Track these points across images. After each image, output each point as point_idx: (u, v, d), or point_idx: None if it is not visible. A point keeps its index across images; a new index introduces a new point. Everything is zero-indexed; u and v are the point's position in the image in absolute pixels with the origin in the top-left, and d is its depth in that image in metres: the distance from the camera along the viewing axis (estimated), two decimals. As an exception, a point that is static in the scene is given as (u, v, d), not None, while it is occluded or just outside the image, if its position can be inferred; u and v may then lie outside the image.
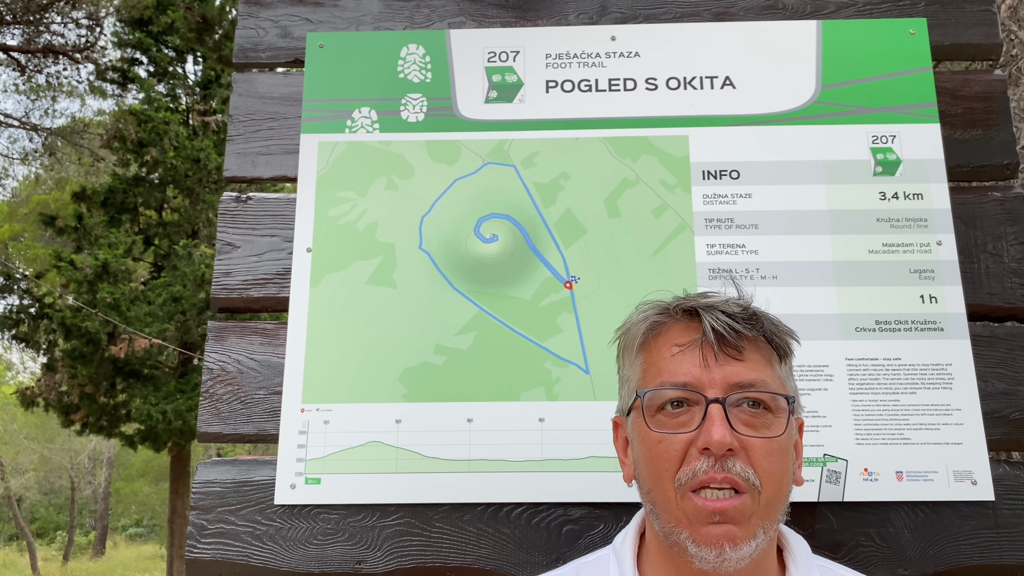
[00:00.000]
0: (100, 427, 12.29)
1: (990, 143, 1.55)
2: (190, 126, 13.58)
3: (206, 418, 1.45)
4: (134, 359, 11.37)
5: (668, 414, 0.94)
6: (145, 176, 12.89)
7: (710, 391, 0.92)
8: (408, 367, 1.43)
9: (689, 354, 0.94)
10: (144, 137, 12.45)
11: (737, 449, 0.89)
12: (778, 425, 0.92)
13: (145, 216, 13.19)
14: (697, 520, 0.89)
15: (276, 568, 1.37)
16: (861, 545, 1.35)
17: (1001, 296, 1.47)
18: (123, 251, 11.68)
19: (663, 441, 0.92)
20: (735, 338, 0.93)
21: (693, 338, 0.95)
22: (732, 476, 0.88)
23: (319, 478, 1.39)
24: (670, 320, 0.99)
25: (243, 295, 1.51)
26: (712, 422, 0.89)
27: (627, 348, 1.03)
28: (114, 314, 10.93)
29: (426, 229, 1.50)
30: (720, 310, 0.95)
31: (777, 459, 0.91)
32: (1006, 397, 1.41)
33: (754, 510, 0.89)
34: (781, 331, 0.98)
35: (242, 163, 1.58)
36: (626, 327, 1.04)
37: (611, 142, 1.54)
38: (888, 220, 1.48)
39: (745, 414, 0.92)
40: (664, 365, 0.96)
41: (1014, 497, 1.37)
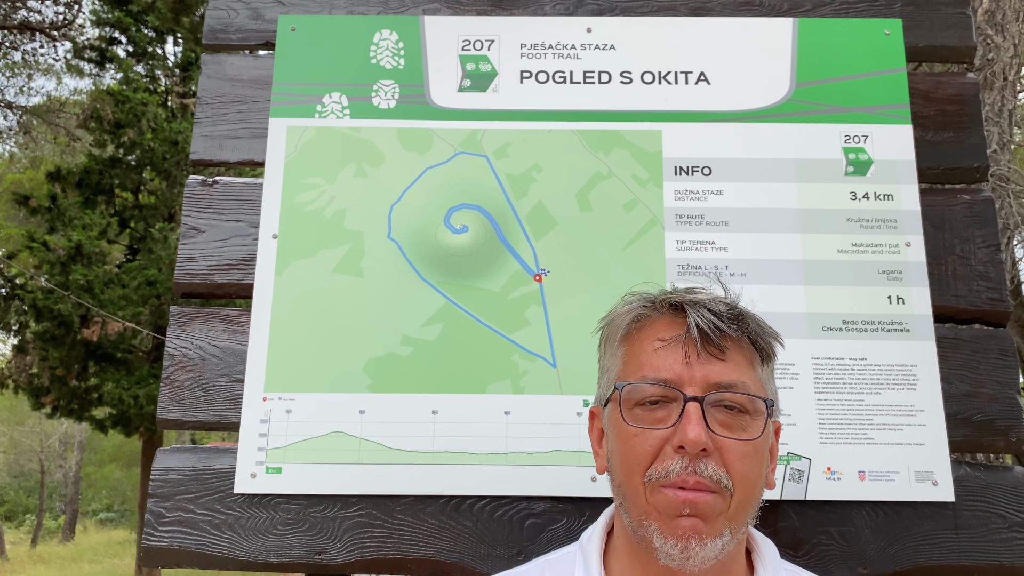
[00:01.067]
0: (71, 410, 12.16)
1: (961, 145, 1.55)
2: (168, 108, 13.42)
3: (166, 404, 1.42)
4: (107, 342, 11.25)
5: (645, 408, 0.93)
6: (122, 157, 12.72)
7: (689, 389, 0.91)
8: (373, 357, 1.42)
9: (672, 350, 0.93)
10: (121, 118, 12.28)
11: (711, 449, 0.89)
12: (755, 428, 0.92)
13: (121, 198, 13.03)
14: (667, 512, 0.89)
15: (235, 557, 1.35)
16: (822, 544, 1.35)
17: (967, 299, 1.48)
18: (98, 233, 11.53)
19: (638, 436, 0.92)
20: (719, 337, 0.92)
21: (677, 334, 0.94)
22: (703, 480, 0.88)
23: (280, 468, 1.37)
24: (655, 313, 0.97)
25: (207, 280, 1.48)
26: (688, 421, 0.89)
27: (609, 339, 1.02)
28: (87, 297, 10.80)
29: (395, 218, 1.48)
30: (707, 307, 0.93)
31: (751, 462, 0.91)
32: (969, 399, 1.42)
33: (723, 510, 0.89)
34: (766, 333, 0.97)
35: (209, 146, 1.55)
36: (610, 317, 1.03)
37: (584, 135, 1.53)
38: (858, 220, 1.48)
39: (722, 414, 0.91)
40: (646, 359, 0.95)
41: (974, 498, 1.37)
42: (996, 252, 1.50)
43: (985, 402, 1.42)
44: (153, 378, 11.25)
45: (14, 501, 28.73)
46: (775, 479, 1.35)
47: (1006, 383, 1.43)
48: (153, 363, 11.88)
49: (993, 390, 1.43)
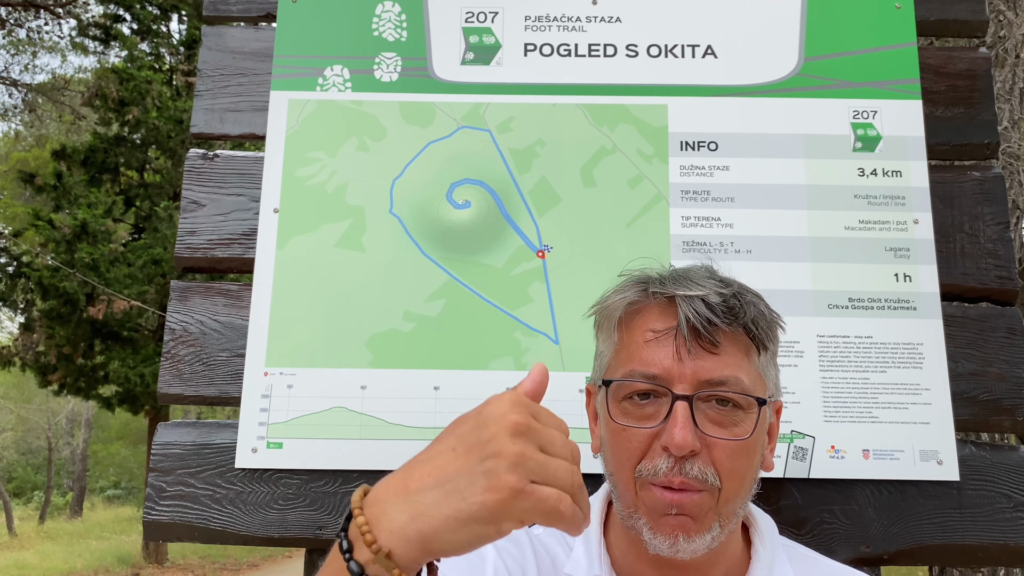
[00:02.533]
0: (78, 388, 12.23)
1: (972, 121, 1.53)
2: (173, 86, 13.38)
3: (167, 379, 1.42)
4: (113, 321, 11.29)
5: (635, 404, 0.91)
6: (127, 136, 12.70)
7: (678, 386, 0.89)
8: (375, 333, 1.41)
9: (662, 343, 0.91)
10: (126, 96, 12.25)
11: (699, 449, 0.87)
12: (747, 424, 0.90)
13: (126, 177, 13.02)
14: (654, 509, 0.88)
15: (236, 532, 1.35)
16: (825, 522, 1.35)
17: (975, 277, 1.46)
18: (103, 211, 11.54)
19: (627, 431, 0.91)
20: (711, 331, 0.89)
21: (669, 326, 0.91)
22: (689, 480, 0.87)
23: (281, 442, 1.37)
24: (648, 301, 0.95)
25: (208, 255, 1.47)
26: (675, 423, 0.87)
27: (603, 324, 1.00)
28: (92, 275, 10.82)
29: (397, 193, 1.46)
30: (701, 299, 0.90)
31: (741, 458, 0.89)
32: (975, 378, 1.41)
33: (711, 506, 0.88)
34: (763, 322, 0.93)
35: (210, 119, 1.54)
36: (603, 303, 1.01)
37: (589, 109, 1.51)
38: (866, 197, 1.46)
39: (713, 411, 0.89)
40: (636, 351, 0.93)
41: (979, 478, 1.36)
42: (1005, 230, 1.48)
43: (991, 381, 1.41)
44: (159, 357, 11.25)
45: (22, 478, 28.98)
46: (775, 460, 1.35)
47: (1013, 362, 1.42)
48: (159, 342, 11.92)
49: (1000, 369, 1.41)
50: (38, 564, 12.24)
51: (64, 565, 12.03)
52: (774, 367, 0.98)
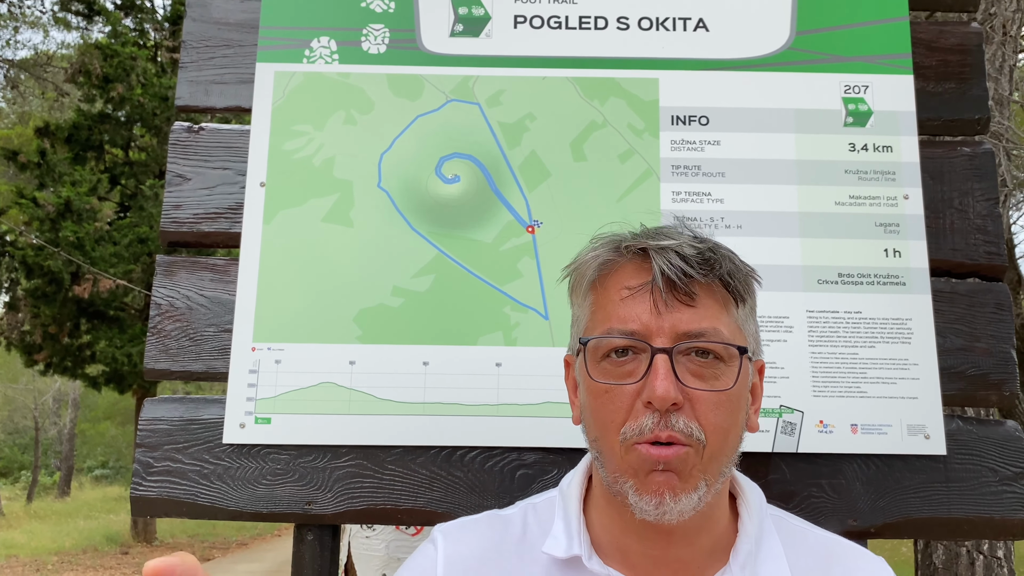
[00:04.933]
0: (64, 368, 12.18)
1: (963, 97, 1.52)
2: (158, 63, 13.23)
3: (154, 354, 1.40)
4: (99, 300, 11.22)
5: (613, 362, 0.90)
6: (111, 113, 12.57)
7: (657, 340, 0.88)
8: (364, 308, 1.40)
9: (639, 299, 0.90)
10: (110, 72, 12.11)
11: (682, 402, 0.86)
12: (728, 375, 0.89)
13: (111, 154, 12.90)
14: (641, 469, 0.87)
15: (224, 507, 1.34)
16: (813, 496, 1.35)
17: (964, 252, 1.46)
18: (87, 189, 11.43)
19: (609, 392, 0.89)
20: (687, 283, 0.88)
21: (644, 281, 0.90)
22: (675, 434, 0.85)
23: (269, 418, 1.36)
24: (621, 259, 0.93)
25: (193, 229, 1.45)
26: (656, 375, 0.86)
27: (576, 286, 0.99)
28: (77, 254, 10.74)
29: (385, 167, 1.45)
30: (674, 251, 0.89)
31: (725, 411, 0.88)
32: (963, 353, 1.42)
33: (696, 463, 0.87)
34: (739, 273, 0.93)
35: (195, 92, 1.52)
36: (576, 264, 0.99)
37: (579, 83, 1.49)
38: (856, 172, 1.46)
39: (694, 364, 0.88)
40: (612, 309, 0.91)
41: (965, 452, 1.37)
42: (995, 205, 1.48)
43: (979, 356, 1.41)
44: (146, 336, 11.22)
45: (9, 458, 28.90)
46: (764, 434, 1.35)
47: (1001, 337, 1.42)
48: (145, 321, 11.81)
49: (987, 344, 1.42)
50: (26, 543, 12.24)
51: (52, 544, 12.03)
52: (754, 323, 0.97)
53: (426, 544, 1.02)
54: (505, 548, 0.99)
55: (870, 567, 0.98)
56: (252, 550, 12.68)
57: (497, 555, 0.98)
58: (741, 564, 0.93)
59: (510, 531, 1.01)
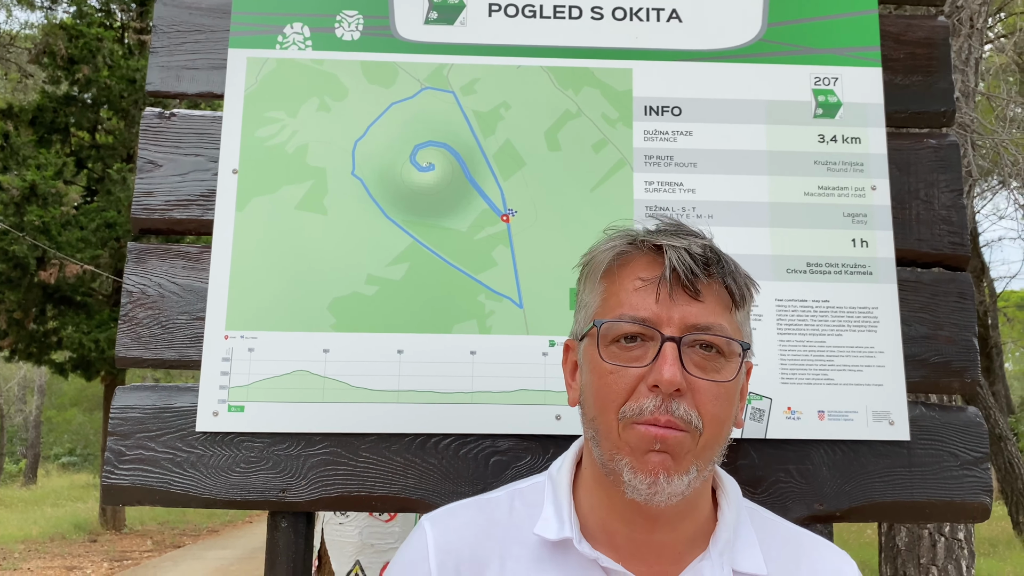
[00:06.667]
0: (29, 354, 11.99)
1: (929, 90, 1.55)
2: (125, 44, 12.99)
3: (125, 342, 1.40)
4: (65, 285, 11.05)
5: (622, 347, 0.94)
6: (77, 95, 12.33)
7: (667, 329, 0.92)
8: (338, 296, 1.40)
9: (651, 289, 0.94)
10: (75, 54, 11.87)
11: (685, 390, 0.90)
12: (729, 370, 0.94)
13: (77, 137, 12.66)
14: (638, 448, 0.90)
15: (197, 495, 1.34)
16: (781, 481, 1.38)
17: (929, 242, 1.49)
18: (53, 173, 11.21)
19: (614, 373, 0.93)
20: (696, 280, 0.93)
21: (656, 274, 0.95)
22: (675, 420, 0.89)
23: (243, 406, 1.36)
24: (636, 251, 0.98)
25: (165, 216, 1.44)
26: (665, 360, 0.90)
27: (591, 275, 1.02)
28: (43, 238, 10.55)
29: (359, 154, 1.45)
30: (685, 249, 0.94)
31: (723, 403, 0.93)
32: (927, 341, 1.45)
33: (691, 448, 0.91)
34: (740, 277, 0.98)
35: (166, 77, 1.50)
36: (592, 254, 1.03)
37: (554, 72, 1.50)
38: (825, 163, 1.48)
39: (698, 356, 0.92)
40: (625, 297, 0.95)
41: (928, 437, 1.41)
42: (959, 197, 1.52)
43: (942, 344, 1.45)
44: (114, 322, 11.09)
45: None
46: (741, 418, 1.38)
47: (963, 326, 1.46)
48: (114, 307, 11.71)
49: (951, 332, 1.45)
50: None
51: (19, 532, 11.88)
52: (748, 327, 1.01)
53: (415, 534, 1.04)
54: (494, 531, 1.01)
55: (835, 559, 1.04)
56: (223, 537, 12.62)
57: (486, 538, 1.00)
58: (720, 551, 0.97)
59: (498, 514, 1.03)
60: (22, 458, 26.16)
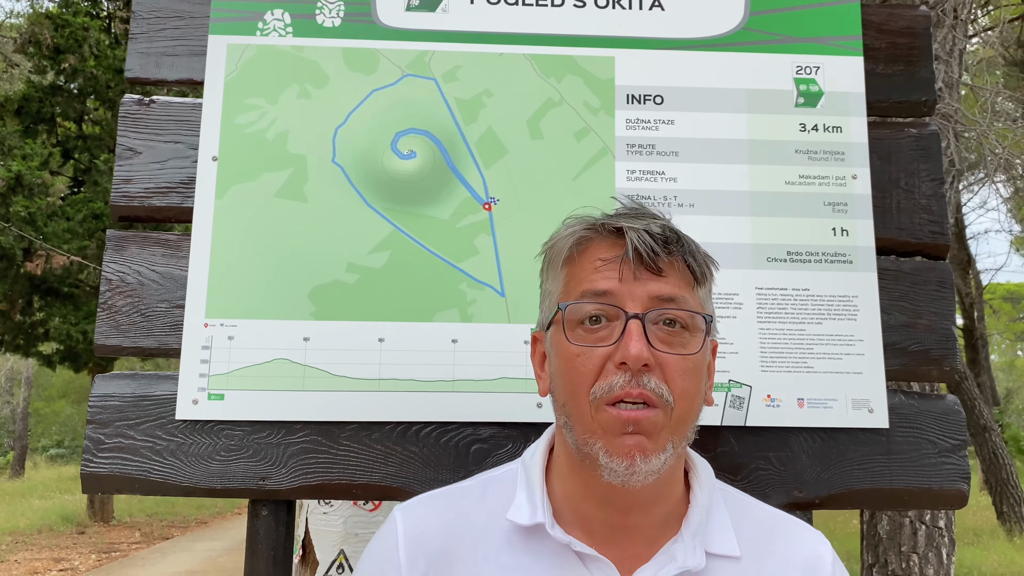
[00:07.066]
0: (16, 346, 11.92)
1: (911, 79, 1.56)
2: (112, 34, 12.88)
3: (104, 330, 1.39)
4: (52, 277, 10.97)
5: (587, 328, 0.94)
6: (63, 85, 12.22)
7: (630, 306, 0.93)
8: (318, 284, 1.39)
9: (612, 267, 0.95)
10: (61, 43, 11.75)
11: (653, 365, 0.91)
12: (694, 343, 0.94)
13: (64, 128, 12.56)
14: (611, 431, 0.91)
15: (177, 483, 1.34)
16: (760, 468, 1.39)
17: (910, 231, 1.50)
18: (39, 163, 11.12)
19: (581, 355, 0.93)
20: (657, 258, 0.94)
21: (617, 254, 0.95)
22: (646, 392, 0.90)
23: (223, 394, 1.35)
24: (596, 235, 0.98)
25: (145, 204, 1.43)
26: (630, 337, 0.90)
27: (552, 262, 1.03)
28: (29, 229, 10.47)
29: (340, 142, 1.44)
30: (645, 230, 0.95)
31: (691, 377, 0.93)
32: (906, 330, 1.46)
33: (665, 424, 0.91)
34: (699, 255, 0.99)
35: (145, 63, 1.49)
36: (552, 242, 1.04)
37: (536, 60, 1.49)
38: (807, 152, 1.49)
39: (663, 332, 0.93)
40: (586, 277, 0.96)
41: (907, 425, 1.42)
42: (939, 186, 1.52)
43: (921, 332, 1.46)
44: (101, 313, 11.01)
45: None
46: (716, 402, 1.38)
47: (942, 314, 1.47)
48: (101, 298, 11.62)
49: (930, 321, 1.46)
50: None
51: (6, 524, 11.83)
52: (711, 305, 1.02)
53: (386, 525, 1.04)
54: (465, 519, 1.01)
55: (809, 539, 1.04)
56: (211, 528, 12.60)
57: (457, 527, 1.00)
58: (692, 533, 0.97)
59: (469, 502, 1.03)
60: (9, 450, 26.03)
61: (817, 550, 1.02)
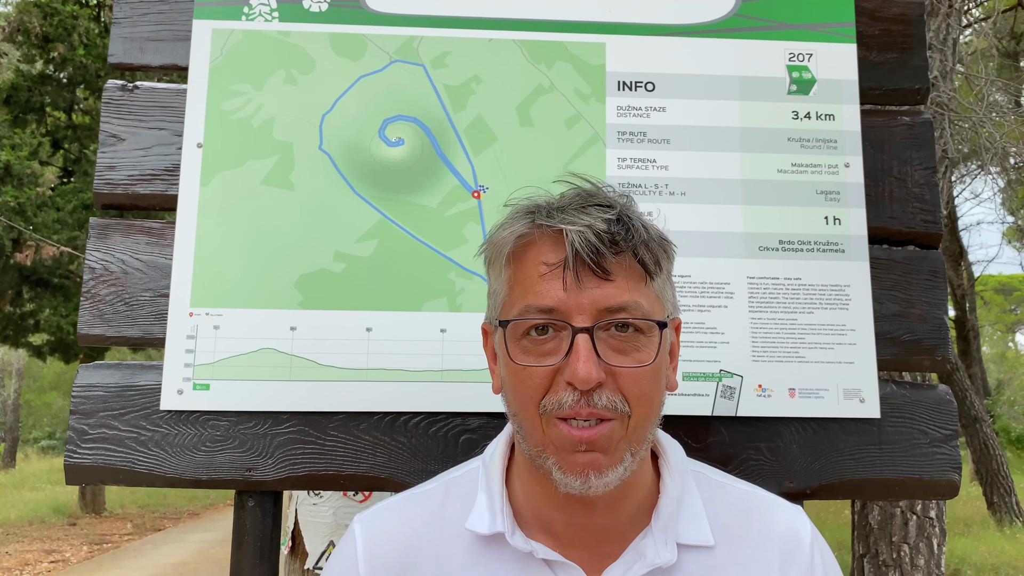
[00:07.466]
0: (6, 337, 11.87)
1: (904, 67, 1.54)
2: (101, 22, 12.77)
3: (87, 319, 1.37)
4: (42, 268, 10.92)
5: (533, 340, 0.89)
6: (52, 74, 12.12)
7: (577, 319, 0.86)
8: (305, 273, 1.38)
9: (556, 276, 0.88)
10: (50, 32, 11.65)
11: (604, 379, 0.86)
12: (649, 348, 0.89)
13: (53, 117, 12.47)
14: (563, 448, 0.87)
15: (162, 474, 1.32)
16: (751, 459, 1.38)
17: (902, 220, 1.49)
18: (28, 153, 11.04)
19: (528, 369, 0.88)
20: (603, 259, 0.87)
21: (561, 258, 0.88)
22: (598, 411, 0.85)
23: (208, 384, 1.34)
24: (538, 233, 0.91)
25: (128, 191, 1.41)
26: (578, 357, 0.85)
27: (494, 260, 0.96)
28: (19, 219, 10.41)
29: (327, 129, 1.42)
30: (588, 227, 0.87)
31: (648, 381, 0.88)
32: (898, 319, 1.45)
33: (622, 436, 0.87)
34: (652, 243, 0.91)
35: (129, 49, 1.46)
36: (492, 238, 0.97)
37: (526, 46, 1.47)
38: (799, 140, 1.47)
39: (615, 339, 0.88)
40: (530, 285, 0.90)
41: (898, 415, 1.41)
42: (932, 174, 1.51)
43: (914, 322, 1.45)
44: (92, 304, 10.97)
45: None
46: (707, 392, 1.37)
47: (934, 304, 1.46)
48: (92, 289, 11.56)
49: (922, 310, 1.45)
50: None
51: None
52: (671, 286, 0.97)
53: (346, 541, 1.00)
54: (427, 528, 0.97)
55: (785, 517, 1.00)
56: (204, 520, 12.59)
57: (418, 538, 0.97)
58: (663, 526, 0.93)
59: (430, 508, 0.99)
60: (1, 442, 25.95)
61: (794, 527, 0.98)
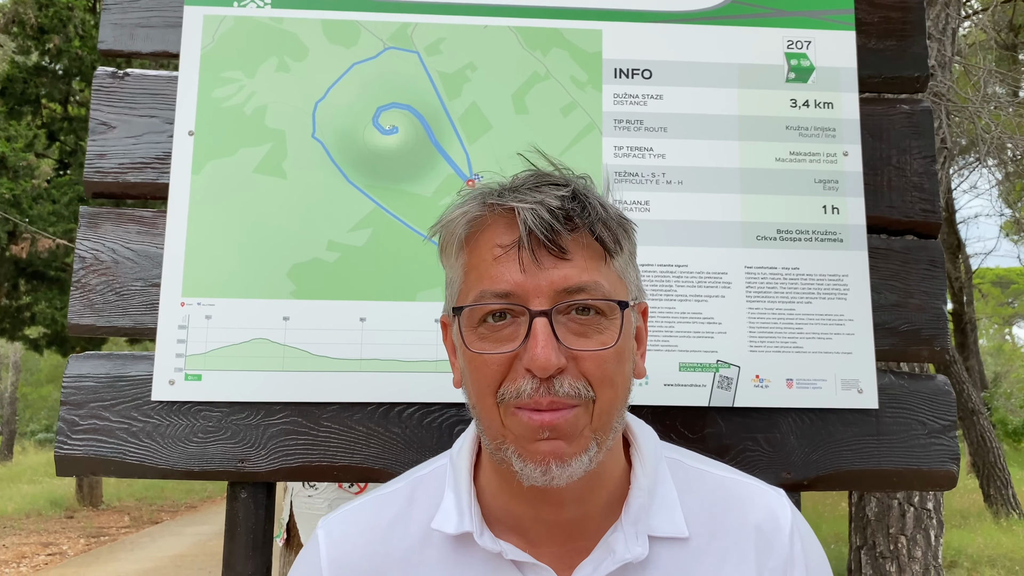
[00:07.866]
0: (2, 330, 11.83)
1: (903, 55, 1.53)
2: (97, 14, 12.70)
3: (78, 309, 1.35)
4: (38, 260, 10.88)
5: (490, 327, 0.85)
6: (48, 66, 12.06)
7: (535, 301, 0.82)
8: (298, 263, 1.36)
9: (512, 257, 0.84)
10: (45, 23, 11.59)
11: (565, 365, 0.82)
12: (611, 331, 0.85)
13: (49, 109, 12.41)
14: (523, 436, 0.83)
15: (153, 466, 1.31)
16: (748, 450, 1.37)
17: (901, 209, 1.47)
18: (23, 145, 10.99)
19: (485, 356, 0.84)
20: (558, 237, 0.83)
21: (515, 238, 0.84)
22: (559, 399, 0.81)
23: (200, 374, 1.32)
24: (490, 214, 0.87)
25: (119, 179, 1.39)
26: (536, 343, 0.81)
27: (447, 246, 0.92)
28: (14, 212, 10.37)
29: (320, 116, 1.40)
30: (540, 204, 0.83)
31: (612, 364, 0.84)
32: (897, 309, 1.43)
33: (586, 422, 0.83)
34: (610, 222, 0.87)
35: (119, 35, 1.44)
36: (443, 221, 0.92)
37: (521, 32, 1.46)
38: (797, 128, 1.46)
39: (575, 322, 0.84)
40: (485, 270, 0.86)
41: (896, 405, 1.40)
42: (931, 163, 1.50)
43: (912, 312, 1.44)
44: (88, 297, 10.94)
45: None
46: (704, 383, 1.36)
47: (933, 294, 1.45)
48: (88, 282, 11.53)
49: (920, 300, 1.44)
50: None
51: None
52: (634, 269, 0.93)
53: (309, 549, 0.96)
54: (392, 532, 0.94)
55: (763, 503, 0.95)
56: (201, 512, 12.58)
57: (383, 544, 0.93)
58: (633, 519, 0.89)
59: (396, 511, 0.96)
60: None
61: (773, 514, 0.94)
